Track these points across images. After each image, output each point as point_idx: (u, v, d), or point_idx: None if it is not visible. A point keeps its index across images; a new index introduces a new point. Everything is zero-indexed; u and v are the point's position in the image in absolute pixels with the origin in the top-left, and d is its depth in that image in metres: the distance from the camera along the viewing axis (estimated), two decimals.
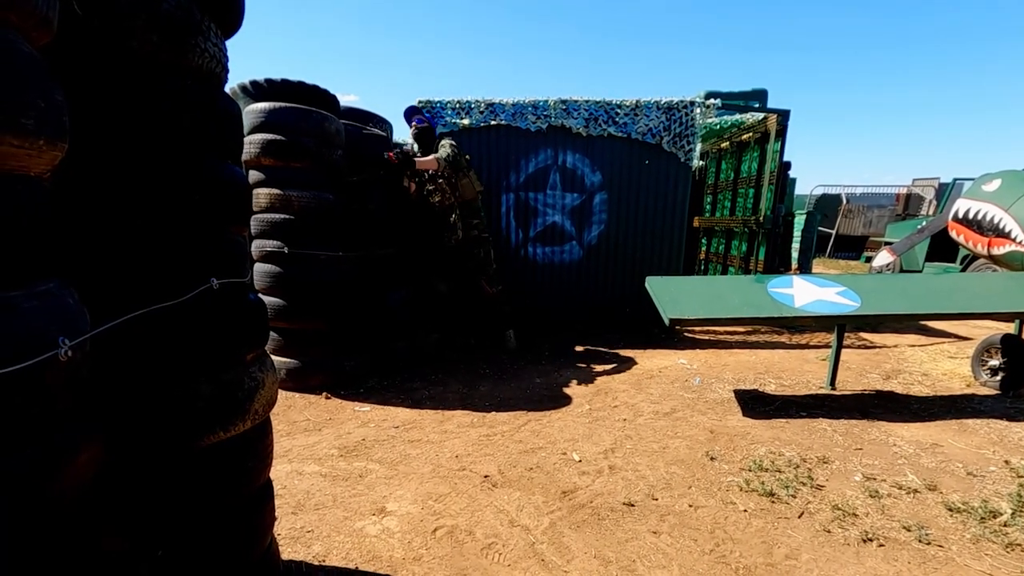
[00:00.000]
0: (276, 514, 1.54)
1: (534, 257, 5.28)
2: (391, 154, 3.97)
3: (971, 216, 3.75)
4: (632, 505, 2.15)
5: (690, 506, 2.15)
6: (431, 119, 4.40)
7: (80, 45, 0.97)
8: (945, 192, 9.07)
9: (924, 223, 6.16)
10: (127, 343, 1.06)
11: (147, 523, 1.11)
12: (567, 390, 3.65)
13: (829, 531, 1.97)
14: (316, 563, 1.76)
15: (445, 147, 4.14)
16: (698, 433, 2.88)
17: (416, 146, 4.42)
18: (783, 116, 5.29)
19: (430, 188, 4.23)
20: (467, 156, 4.38)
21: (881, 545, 1.89)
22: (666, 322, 3.11)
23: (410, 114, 4.45)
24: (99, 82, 1.00)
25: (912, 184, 14.81)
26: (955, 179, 8.96)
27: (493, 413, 3.21)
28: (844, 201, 15.00)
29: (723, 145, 7.00)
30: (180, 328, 1.12)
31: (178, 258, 1.13)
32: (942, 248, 7.44)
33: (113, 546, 0.84)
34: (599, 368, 4.19)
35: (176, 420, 1.12)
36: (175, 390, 1.12)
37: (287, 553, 1.79)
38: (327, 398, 3.41)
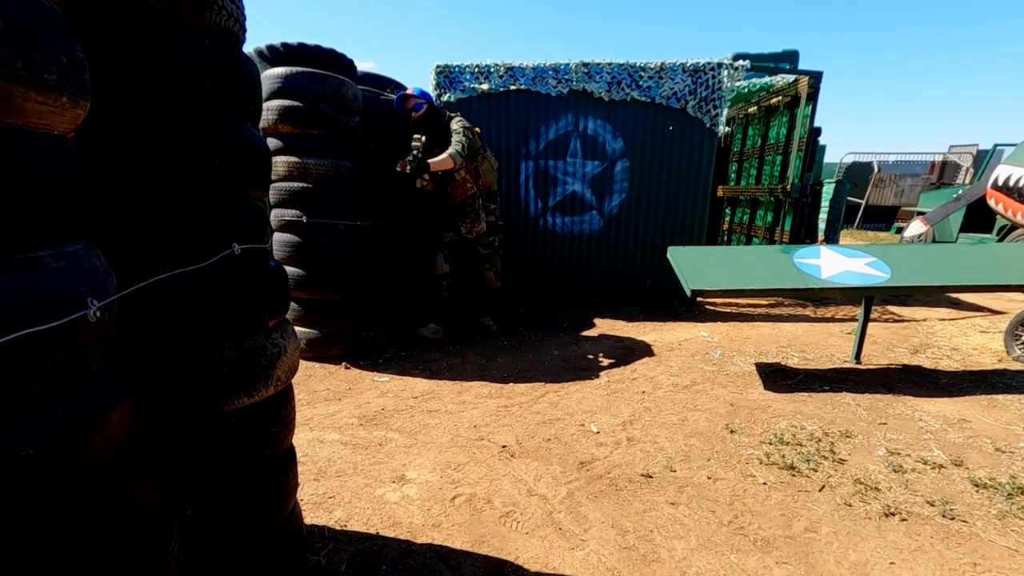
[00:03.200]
0: (299, 480, 1.57)
1: (553, 227, 5.20)
2: (403, 164, 3.59)
3: (1012, 183, 3.58)
4: (650, 476, 2.15)
5: (709, 478, 2.15)
6: (426, 95, 3.86)
7: (97, 1, 0.95)
8: (984, 159, 8.67)
9: (961, 191, 5.91)
10: (152, 308, 1.06)
11: (176, 484, 1.14)
12: (585, 362, 3.65)
13: (850, 505, 1.95)
14: (338, 528, 1.81)
15: (458, 132, 3.73)
16: (718, 406, 2.85)
17: (424, 137, 3.92)
18: (815, 78, 5.05)
19: (448, 182, 3.89)
20: (477, 130, 4.00)
21: (903, 520, 1.86)
22: (688, 293, 3.06)
23: (403, 101, 3.79)
24: (117, 39, 0.98)
25: (948, 151, 14.20)
26: (995, 145, 8.55)
27: (511, 384, 3.23)
28: (875, 169, 14.50)
29: (750, 110, 6.75)
30: (203, 293, 1.12)
31: (200, 223, 1.12)
32: (978, 218, 7.15)
33: (146, 500, 0.87)
34: (618, 340, 4.16)
35: (201, 384, 1.13)
36: (199, 355, 1.13)
37: (310, 518, 1.84)
38: (346, 368, 3.46)
